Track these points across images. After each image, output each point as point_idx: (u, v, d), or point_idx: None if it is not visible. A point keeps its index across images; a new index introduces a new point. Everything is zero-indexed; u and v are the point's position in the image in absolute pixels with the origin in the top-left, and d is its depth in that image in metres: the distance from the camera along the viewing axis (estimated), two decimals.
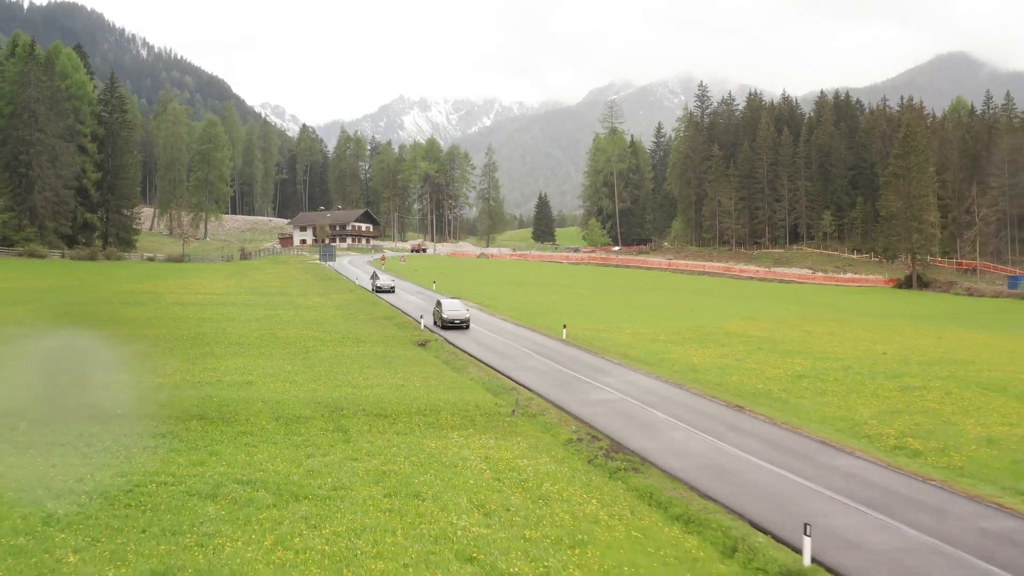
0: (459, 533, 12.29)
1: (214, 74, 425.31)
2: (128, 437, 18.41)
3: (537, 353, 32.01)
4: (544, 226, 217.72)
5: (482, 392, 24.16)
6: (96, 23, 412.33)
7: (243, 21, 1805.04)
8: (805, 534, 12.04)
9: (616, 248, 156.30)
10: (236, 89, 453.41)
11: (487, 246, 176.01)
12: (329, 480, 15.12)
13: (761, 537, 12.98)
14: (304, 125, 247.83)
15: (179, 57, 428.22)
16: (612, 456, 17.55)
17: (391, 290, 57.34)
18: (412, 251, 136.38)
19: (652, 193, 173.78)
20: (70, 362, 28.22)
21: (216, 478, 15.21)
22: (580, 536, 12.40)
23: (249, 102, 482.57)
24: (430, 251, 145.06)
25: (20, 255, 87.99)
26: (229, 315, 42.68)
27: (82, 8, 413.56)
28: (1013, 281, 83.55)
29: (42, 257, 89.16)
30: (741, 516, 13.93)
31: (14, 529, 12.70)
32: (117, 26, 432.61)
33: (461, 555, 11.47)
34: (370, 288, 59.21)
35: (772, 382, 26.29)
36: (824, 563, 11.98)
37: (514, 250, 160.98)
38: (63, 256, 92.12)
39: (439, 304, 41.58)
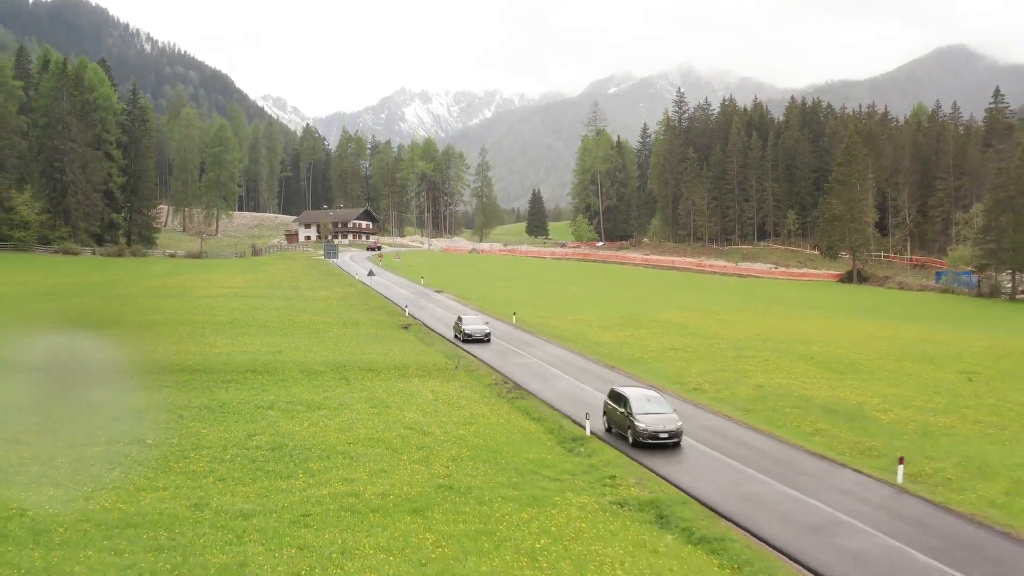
0: (407, 419, 23.04)
1: (217, 69, 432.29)
2: (208, 382, 29.02)
3: None
4: (537, 221, 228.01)
5: (440, 357, 34.92)
6: (100, 18, 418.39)
7: (246, 15, 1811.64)
8: (586, 419, 22.73)
9: (600, 243, 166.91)
10: (239, 83, 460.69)
11: (480, 241, 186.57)
12: (337, 401, 25.81)
13: (572, 424, 23.66)
14: (308, 125, 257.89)
15: (183, 52, 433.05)
16: (512, 391, 28.26)
17: (486, 338, 39.41)
18: (368, 249, 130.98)
19: (637, 191, 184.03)
20: (146, 338, 38.75)
21: (270, 400, 25.88)
22: (471, 420, 23.17)
23: (251, 95, 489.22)
24: (425, 246, 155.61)
25: (56, 252, 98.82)
26: (253, 305, 53.26)
27: (86, 3, 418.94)
28: (939, 276, 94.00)
29: (75, 254, 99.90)
30: (569, 417, 24.58)
31: (164, 421, 23.30)
32: (121, 21, 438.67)
33: (406, 426, 22.20)
34: (454, 335, 41.42)
35: (648, 353, 36.98)
36: (601, 436, 22.62)
37: (505, 245, 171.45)
38: (94, 253, 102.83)
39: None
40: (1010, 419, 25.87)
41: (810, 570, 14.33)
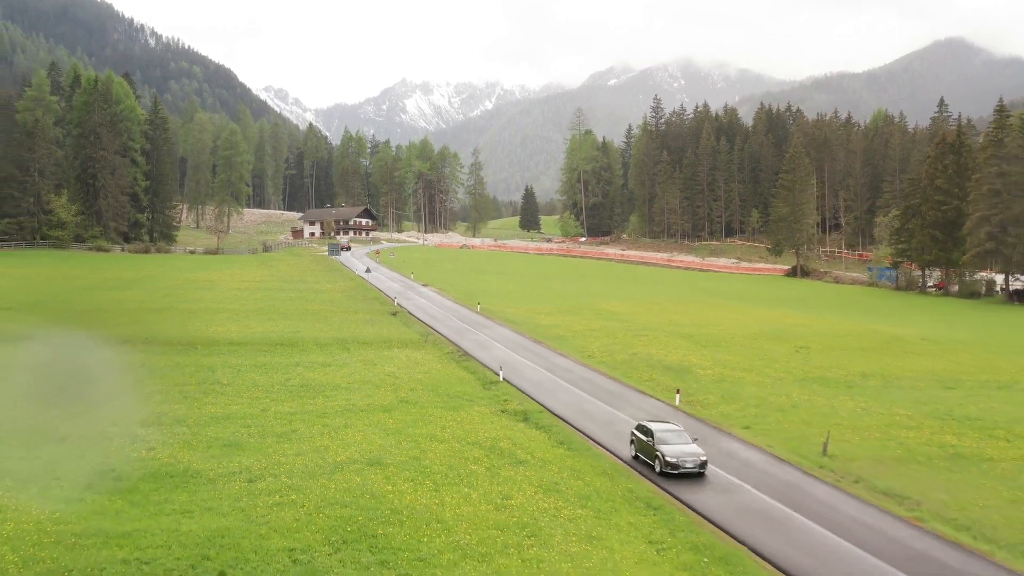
0: (387, 371, 35.90)
1: (221, 63, 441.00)
2: (252, 351, 41.71)
3: (456, 318, 55.64)
4: (530, 216, 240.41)
5: (416, 335, 47.73)
6: (106, 13, 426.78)
7: (248, 5, 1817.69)
8: (499, 369, 35.54)
9: (583, 239, 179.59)
10: (241, 77, 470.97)
11: (473, 236, 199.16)
12: (341, 361, 38.60)
13: (493, 374, 36.48)
14: (311, 124, 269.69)
15: (187, 47, 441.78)
16: (461, 357, 41.09)
17: (701, 470, 23.48)
18: (342, 249, 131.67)
19: (621, 189, 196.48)
20: (197, 322, 51.39)
21: (296, 361, 38.68)
22: (428, 371, 36.04)
23: (253, 87, 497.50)
24: (421, 241, 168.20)
25: (89, 249, 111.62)
26: (272, 297, 65.97)
27: None
28: (871, 270, 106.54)
29: (107, 251, 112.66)
30: (493, 369, 37.35)
31: (229, 373, 35.98)
32: (126, 16, 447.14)
33: (385, 375, 35.07)
34: (632, 453, 25.47)
35: (571, 332, 49.71)
36: (509, 380, 35.44)
37: (495, 240, 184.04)
38: (123, 250, 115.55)
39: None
40: (793, 375, 38.58)
41: (591, 439, 27.14)
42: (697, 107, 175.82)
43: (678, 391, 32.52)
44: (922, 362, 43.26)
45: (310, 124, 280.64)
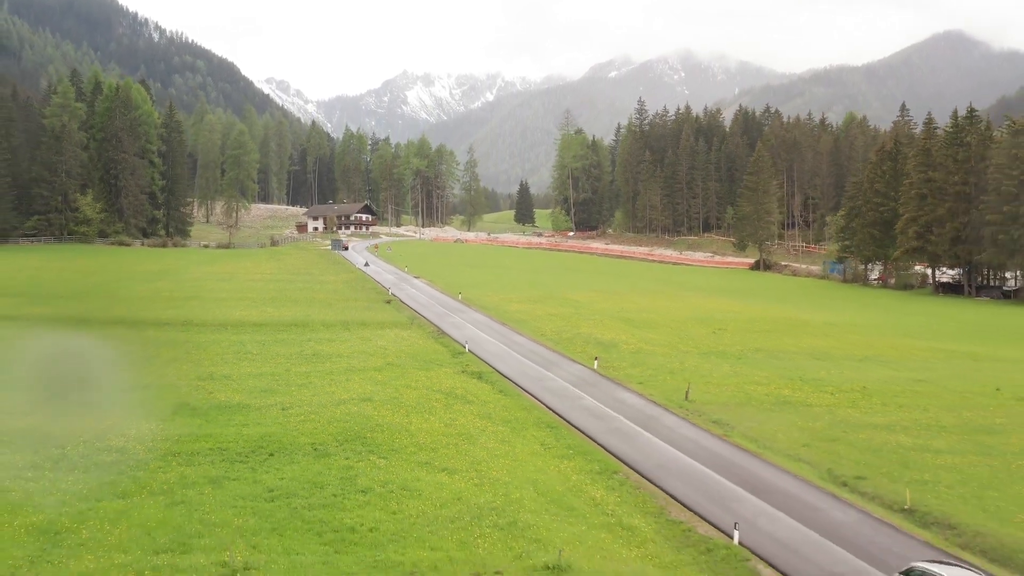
0: (379, 344, 46.50)
1: (224, 57, 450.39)
2: (270, 330, 52.20)
3: (439, 304, 66.19)
4: (524, 210, 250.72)
5: (404, 318, 58.27)
6: (110, 8, 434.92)
7: (248, 3, 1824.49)
8: (466, 343, 46.11)
9: (571, 234, 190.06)
10: (244, 70, 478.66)
11: (468, 230, 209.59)
12: (343, 338, 49.15)
13: (461, 347, 47.07)
14: (314, 122, 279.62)
15: (190, 41, 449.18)
16: (439, 335, 51.65)
17: None
18: (343, 247, 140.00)
19: (610, 185, 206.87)
20: (223, 308, 61.82)
21: (307, 338, 49.22)
22: (411, 345, 46.60)
23: (255, 80, 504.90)
24: (417, 236, 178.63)
25: (112, 244, 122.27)
26: (283, 287, 76.38)
27: None
28: (825, 264, 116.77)
29: (128, 245, 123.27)
30: (461, 344, 47.90)
31: (255, 346, 46.52)
32: (130, 11, 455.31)
33: (377, 347, 45.65)
34: None
35: (533, 317, 60.15)
36: (473, 352, 46.01)
37: (489, 235, 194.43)
38: (142, 244, 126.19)
39: None
40: (699, 349, 48.99)
41: (523, 389, 37.67)
42: (679, 109, 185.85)
43: (596, 359, 43.05)
44: (811, 341, 53.67)
45: (313, 121, 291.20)
